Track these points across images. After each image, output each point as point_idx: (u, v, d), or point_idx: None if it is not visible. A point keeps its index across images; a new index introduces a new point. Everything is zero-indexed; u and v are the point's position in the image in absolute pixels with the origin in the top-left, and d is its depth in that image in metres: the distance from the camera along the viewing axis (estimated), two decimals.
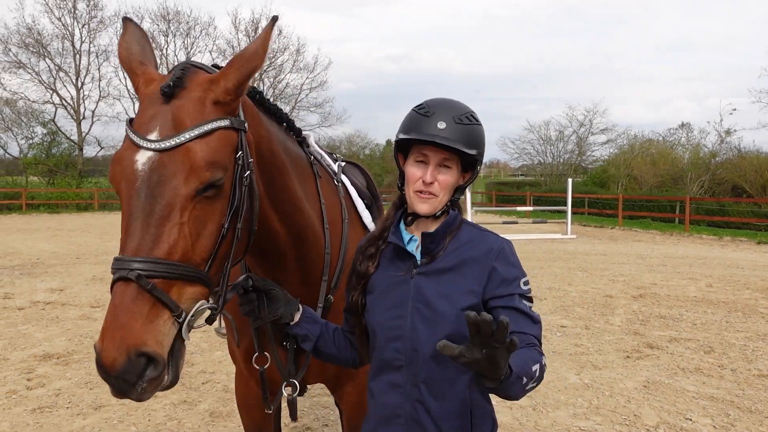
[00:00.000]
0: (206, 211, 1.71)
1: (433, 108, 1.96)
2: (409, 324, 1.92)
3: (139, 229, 1.62)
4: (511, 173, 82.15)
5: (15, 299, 9.93)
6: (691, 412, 5.24)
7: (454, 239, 1.99)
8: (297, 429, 4.89)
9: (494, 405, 5.31)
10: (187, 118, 1.70)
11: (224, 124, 1.75)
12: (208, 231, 1.72)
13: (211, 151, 1.69)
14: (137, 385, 1.56)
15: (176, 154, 1.66)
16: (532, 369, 1.71)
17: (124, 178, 1.68)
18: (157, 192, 1.64)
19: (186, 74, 1.77)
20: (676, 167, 39.35)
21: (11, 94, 42.58)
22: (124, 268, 1.58)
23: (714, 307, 9.58)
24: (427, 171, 1.93)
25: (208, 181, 1.68)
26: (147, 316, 1.58)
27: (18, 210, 34.65)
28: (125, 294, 1.57)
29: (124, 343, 1.52)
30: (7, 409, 5.25)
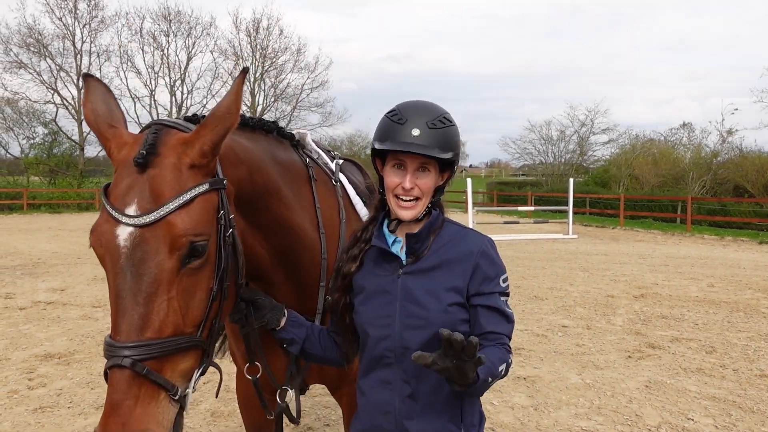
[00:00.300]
0: (194, 280, 1.70)
1: (406, 114, 1.96)
2: (398, 322, 1.96)
3: (129, 310, 1.61)
4: (513, 173, 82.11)
5: (16, 299, 9.94)
6: (692, 412, 5.23)
7: (437, 238, 2.03)
8: (299, 429, 4.88)
9: (495, 405, 5.30)
10: (165, 188, 1.65)
11: (204, 189, 1.71)
12: (198, 299, 1.72)
13: (192, 220, 1.66)
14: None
15: (157, 229, 1.62)
16: (498, 369, 1.82)
17: (108, 252, 1.66)
18: (142, 270, 1.61)
19: (159, 138, 1.72)
20: (677, 167, 39.31)
21: (12, 94, 42.67)
22: (117, 355, 1.59)
23: (716, 307, 9.57)
24: (406, 178, 1.95)
25: (190, 249, 1.66)
26: (145, 400, 1.60)
27: (19, 210, 34.67)
28: (121, 381, 1.59)
29: (126, 430, 1.55)
30: (9, 408, 5.25)
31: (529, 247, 18.52)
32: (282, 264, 2.28)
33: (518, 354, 6.96)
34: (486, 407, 5.35)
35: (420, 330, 1.93)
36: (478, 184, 54.31)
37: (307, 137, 2.69)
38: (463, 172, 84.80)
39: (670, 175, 38.91)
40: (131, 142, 1.75)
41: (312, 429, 4.90)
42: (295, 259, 2.32)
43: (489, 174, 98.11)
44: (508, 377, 6.10)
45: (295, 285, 2.38)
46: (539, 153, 52.34)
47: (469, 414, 2.01)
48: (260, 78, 48.25)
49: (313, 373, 2.59)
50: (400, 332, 1.95)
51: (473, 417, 2.02)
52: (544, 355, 6.94)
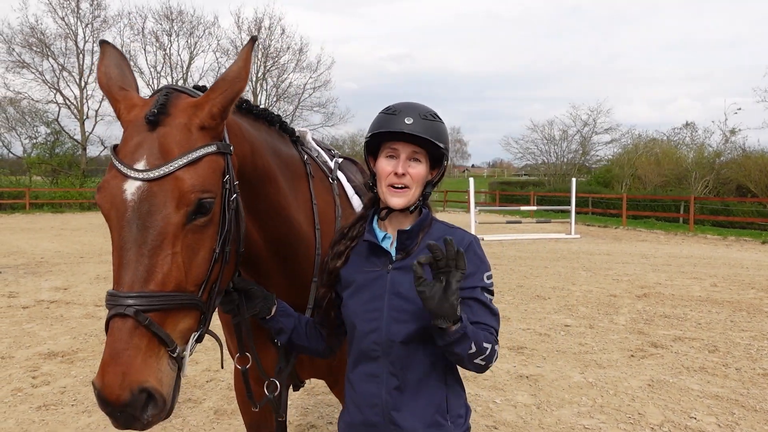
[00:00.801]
0: (198, 238, 1.72)
1: (399, 108, 2.08)
2: (386, 316, 2.01)
3: (133, 262, 1.62)
4: (515, 173, 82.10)
5: (19, 298, 9.96)
6: (695, 411, 5.23)
7: (426, 236, 2.09)
8: (301, 427, 4.90)
9: (498, 404, 5.32)
10: (174, 145, 1.69)
11: (212, 150, 1.74)
12: (201, 258, 1.73)
13: (200, 178, 1.69)
14: (143, 418, 1.59)
15: (166, 183, 1.64)
16: (484, 345, 1.87)
17: (113, 207, 1.67)
18: (149, 222, 1.63)
19: (169, 99, 1.76)
20: (680, 167, 39.30)
21: (15, 93, 42.73)
22: (119, 304, 1.59)
23: (718, 307, 9.56)
24: (399, 163, 2.04)
25: (197, 206, 1.68)
26: (146, 352, 1.60)
27: (21, 209, 34.70)
28: (123, 330, 1.58)
29: (126, 380, 1.54)
30: (13, 406, 5.27)
31: (531, 247, 18.52)
32: (276, 254, 2.29)
33: (521, 353, 6.96)
34: (488, 405, 5.36)
35: (407, 324, 1.98)
36: (481, 184, 54.27)
37: (308, 135, 2.71)
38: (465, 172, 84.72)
39: (673, 174, 38.90)
40: (141, 104, 1.79)
41: (315, 427, 4.91)
42: (290, 251, 2.33)
43: (491, 174, 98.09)
44: (510, 376, 6.11)
45: (288, 278, 2.39)
46: (541, 153, 52.39)
47: (455, 405, 2.05)
48: (262, 78, 48.31)
49: (305, 367, 2.59)
50: (387, 326, 2.00)
51: (459, 408, 2.07)
52: (547, 354, 6.94)
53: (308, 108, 50.22)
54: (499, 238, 20.45)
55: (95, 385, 1.58)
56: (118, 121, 1.82)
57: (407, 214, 2.10)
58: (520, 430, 4.88)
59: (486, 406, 5.34)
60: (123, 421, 1.59)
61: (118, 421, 1.60)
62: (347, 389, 2.14)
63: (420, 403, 1.99)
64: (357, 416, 2.07)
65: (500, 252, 16.93)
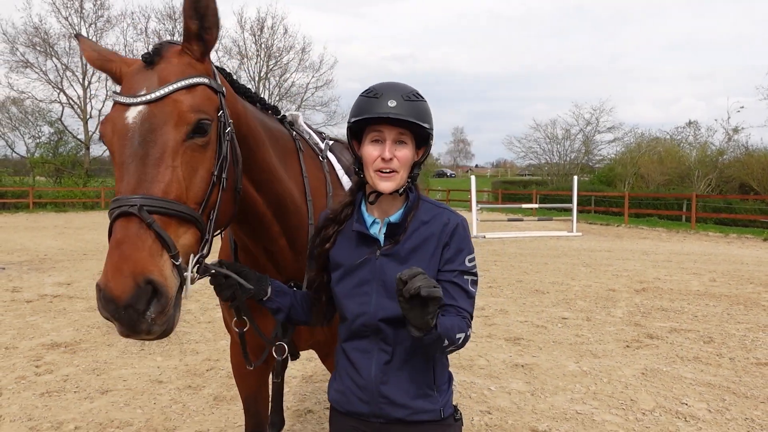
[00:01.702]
0: (196, 157, 1.82)
1: (381, 90, 2.06)
2: (374, 301, 2.06)
3: (135, 172, 1.71)
4: (518, 173, 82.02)
5: (23, 292, 10.07)
6: (687, 398, 5.31)
7: (414, 219, 2.11)
8: (299, 412, 4.98)
9: (493, 390, 5.41)
10: (170, 74, 1.84)
11: (206, 81, 1.90)
12: (199, 176, 1.83)
13: (196, 100, 1.83)
14: (146, 315, 1.61)
15: (165, 104, 1.78)
16: (456, 336, 1.94)
17: (116, 133, 1.78)
18: (150, 138, 1.74)
19: (163, 46, 1.93)
20: (683, 165, 39.32)
21: (19, 93, 42.92)
22: (124, 204, 1.66)
23: (716, 300, 9.63)
24: (385, 148, 2.03)
25: (195, 124, 1.80)
26: (150, 248, 1.64)
27: (25, 209, 34.82)
28: (128, 228, 1.64)
29: (130, 272, 1.58)
30: (17, 393, 5.37)
31: (532, 244, 18.58)
32: (275, 215, 2.38)
33: (517, 344, 7.04)
34: (483, 392, 5.44)
35: (394, 308, 1.98)
36: (483, 183, 54.32)
37: (299, 119, 2.80)
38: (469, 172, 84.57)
39: (676, 173, 38.91)
40: (136, 61, 1.95)
41: (312, 412, 4.99)
42: (287, 215, 2.42)
43: (494, 174, 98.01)
44: (506, 365, 6.19)
45: (289, 242, 2.47)
46: (544, 152, 52.39)
47: (441, 375, 2.13)
48: (265, 77, 48.43)
49: (303, 338, 2.67)
50: (375, 310, 2.05)
51: (444, 377, 2.14)
52: (543, 344, 7.01)
53: (311, 107, 50.29)
54: (501, 236, 20.52)
55: (99, 286, 1.60)
56: (119, 78, 1.95)
57: (396, 196, 2.10)
58: (513, 415, 4.96)
59: (480, 393, 5.42)
60: (126, 320, 1.60)
61: (122, 321, 1.60)
62: (339, 357, 2.19)
63: (408, 376, 2.05)
64: (348, 383, 2.13)
65: (501, 249, 17.00)
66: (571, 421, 4.84)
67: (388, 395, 2.05)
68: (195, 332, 7.49)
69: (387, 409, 2.05)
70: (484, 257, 14.77)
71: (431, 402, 2.07)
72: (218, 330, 7.47)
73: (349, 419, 2.15)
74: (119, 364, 6.20)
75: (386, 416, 2.06)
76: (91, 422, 4.77)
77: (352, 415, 2.13)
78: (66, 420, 4.80)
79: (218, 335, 7.29)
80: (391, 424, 2.07)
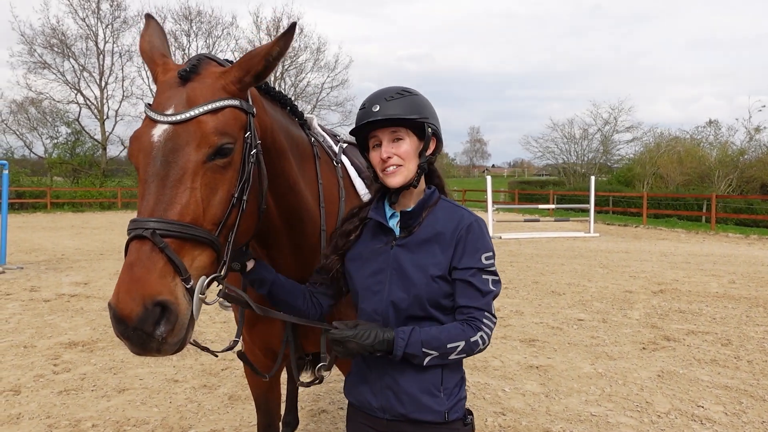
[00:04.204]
0: (217, 179, 1.83)
1: (369, 100, 2.18)
2: (387, 288, 2.12)
3: (154, 193, 1.74)
4: (535, 173, 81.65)
5: (41, 292, 10.20)
6: (703, 400, 5.25)
7: (430, 214, 2.17)
8: (313, 412, 5.00)
9: (507, 392, 5.38)
10: (200, 96, 1.85)
11: (234, 104, 1.89)
12: (219, 198, 1.83)
13: (220, 122, 1.84)
14: (155, 335, 1.64)
15: (189, 126, 1.80)
16: (447, 346, 2.00)
17: (142, 150, 1.81)
18: (171, 158, 1.76)
19: (201, 63, 1.94)
20: (703, 165, 38.87)
21: (37, 94, 43.48)
22: (139, 227, 1.69)
23: (735, 302, 9.52)
24: (382, 150, 2.14)
25: (217, 147, 1.81)
26: (161, 271, 1.67)
27: (43, 209, 35.22)
28: (140, 251, 1.68)
29: (139, 294, 1.61)
30: (35, 391, 5.44)
31: (549, 245, 18.49)
32: (288, 227, 2.39)
33: (532, 345, 7.01)
34: (497, 393, 5.43)
35: (406, 299, 2.08)
36: (500, 183, 54.14)
37: (314, 122, 2.81)
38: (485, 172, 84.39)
39: (696, 173, 38.51)
40: (175, 69, 1.95)
41: (326, 412, 5.01)
42: (300, 225, 2.42)
43: (511, 174, 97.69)
44: (520, 366, 6.16)
45: (296, 252, 2.47)
46: (562, 152, 52.07)
47: (449, 378, 2.13)
48: (281, 77, 48.63)
49: (311, 341, 2.68)
50: (388, 298, 2.11)
51: (452, 380, 2.14)
52: (558, 346, 6.98)
53: (326, 107, 50.52)
54: (517, 236, 20.43)
55: (111, 305, 1.64)
56: (154, 83, 1.99)
57: (412, 191, 2.19)
58: (527, 416, 4.94)
59: (495, 394, 5.41)
60: (136, 340, 1.63)
61: (132, 341, 1.64)
62: None
63: (415, 370, 2.07)
64: (358, 374, 2.20)
65: (517, 250, 16.94)
66: (586, 423, 4.81)
67: (392, 386, 2.09)
68: (210, 332, 7.54)
69: (392, 401, 2.09)
70: (500, 258, 14.71)
71: (436, 403, 2.08)
72: (233, 330, 7.49)
73: (362, 417, 2.21)
74: (136, 363, 6.25)
75: (391, 410, 2.10)
76: (108, 420, 4.82)
77: (364, 408, 2.18)
78: (83, 418, 4.86)
79: (233, 335, 7.30)
80: (396, 421, 2.10)
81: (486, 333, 2.04)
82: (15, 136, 44.82)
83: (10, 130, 44.23)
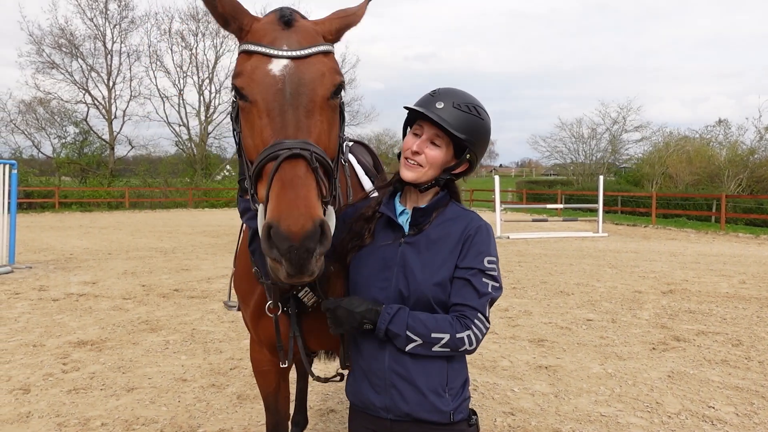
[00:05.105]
0: (333, 117, 1.93)
1: (441, 92, 2.18)
2: (394, 285, 2.12)
3: (292, 120, 1.77)
4: (543, 173, 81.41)
5: (50, 291, 10.23)
6: (714, 401, 5.21)
7: (440, 215, 2.19)
8: (321, 411, 4.99)
9: (516, 392, 5.35)
10: (311, 37, 1.93)
11: (333, 51, 2.00)
12: (334, 134, 1.92)
13: (335, 64, 1.95)
14: (315, 254, 1.64)
15: (311, 62, 1.87)
16: (432, 335, 2.01)
17: (259, 82, 1.83)
18: (301, 91, 1.81)
19: (293, 13, 1.98)
20: (712, 165, 38.68)
21: (45, 94, 43.72)
22: (294, 147, 1.70)
23: (745, 303, 9.45)
24: (417, 141, 2.14)
25: (338, 85, 1.89)
26: (315, 192, 1.70)
27: (51, 208, 35.35)
28: (297, 169, 1.68)
29: (307, 211, 1.62)
30: (45, 390, 5.45)
31: (557, 245, 18.42)
32: None
33: (541, 345, 6.98)
34: (506, 394, 5.40)
35: (411, 296, 2.09)
36: (508, 183, 54.00)
37: None
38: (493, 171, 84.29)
39: (705, 173, 38.33)
40: (264, 17, 2.00)
41: (335, 411, 5.00)
42: None
43: (519, 173, 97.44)
44: (529, 366, 6.13)
45: None
46: (570, 152, 51.94)
47: (454, 379, 2.13)
48: None
49: (315, 338, 2.64)
50: (394, 294, 2.11)
51: (457, 381, 2.14)
52: (567, 346, 6.94)
53: None
54: (525, 236, 20.37)
55: (272, 222, 1.62)
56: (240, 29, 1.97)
57: (424, 192, 2.21)
58: (536, 417, 4.91)
59: (504, 395, 5.38)
60: (297, 259, 1.62)
61: (292, 261, 1.62)
62: (354, 352, 2.24)
63: (422, 369, 2.07)
64: (361, 374, 2.18)
65: (525, 250, 16.89)
66: (595, 423, 4.78)
67: (397, 384, 2.08)
68: (218, 331, 7.54)
69: (397, 399, 2.08)
70: (508, 258, 14.68)
71: (442, 403, 2.08)
72: (241, 329, 7.51)
73: (364, 419, 2.19)
74: (144, 362, 6.26)
75: (396, 410, 2.08)
76: (117, 419, 4.82)
77: (367, 409, 2.16)
78: (93, 417, 4.86)
79: (241, 334, 7.34)
80: (401, 420, 2.09)
81: (475, 334, 2.04)
82: (23, 136, 45.12)
83: (18, 130, 44.49)
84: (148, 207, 38.82)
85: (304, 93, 1.80)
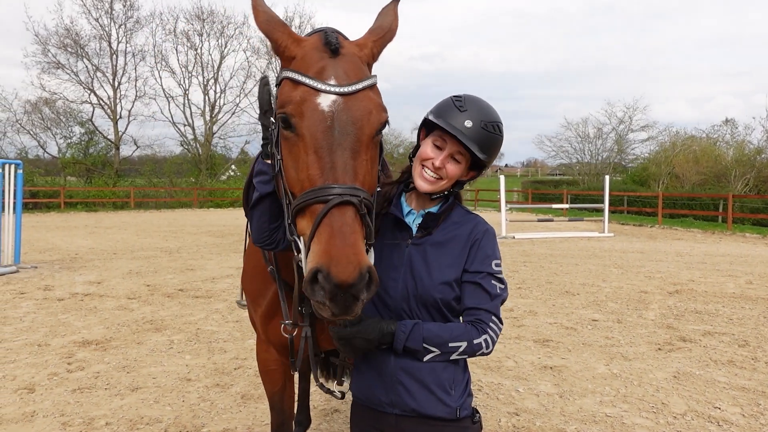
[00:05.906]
0: (375, 154, 1.93)
1: (468, 105, 2.12)
2: (401, 285, 2.12)
3: (340, 161, 1.76)
4: (549, 172, 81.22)
5: (55, 291, 10.26)
6: (720, 402, 5.18)
7: (446, 219, 2.20)
8: (325, 411, 4.99)
9: (521, 392, 5.33)
10: (358, 70, 1.90)
11: (376, 83, 1.98)
12: (374, 172, 1.92)
13: (379, 98, 1.93)
14: (360, 299, 1.65)
15: (360, 99, 1.85)
16: (449, 345, 2.02)
17: (309, 118, 1.81)
18: (349, 130, 1.80)
19: (338, 36, 1.95)
20: (719, 164, 38.54)
21: (50, 94, 43.87)
22: (345, 193, 1.71)
23: (752, 303, 9.40)
24: (440, 156, 2.12)
25: (384, 122, 1.89)
26: (362, 239, 1.72)
27: (56, 208, 35.47)
28: (346, 216, 1.69)
29: (356, 259, 1.62)
30: (49, 389, 5.46)
31: (563, 245, 18.38)
32: None
33: (546, 345, 6.95)
34: (511, 394, 5.38)
35: (417, 297, 2.10)
36: (514, 183, 53.89)
37: None
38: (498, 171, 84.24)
39: (712, 172, 38.18)
40: (305, 38, 1.99)
41: (339, 411, 4.99)
42: None
43: (525, 173, 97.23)
44: (534, 366, 6.11)
45: None
46: (576, 151, 51.81)
47: (458, 375, 2.14)
48: None
49: (327, 338, 2.65)
50: (402, 294, 2.12)
51: (461, 378, 2.15)
52: (573, 346, 6.92)
53: None
54: (530, 236, 20.33)
55: (321, 267, 1.62)
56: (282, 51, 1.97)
57: (430, 198, 2.22)
58: (541, 417, 4.89)
59: (508, 395, 5.36)
60: (342, 303, 1.64)
61: (338, 304, 1.64)
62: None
63: (428, 366, 2.07)
64: (368, 370, 2.18)
65: (531, 250, 16.85)
66: (601, 424, 4.76)
67: (404, 381, 2.09)
68: (223, 331, 7.54)
69: (404, 395, 2.08)
70: (514, 258, 14.65)
71: (449, 398, 2.09)
72: (246, 329, 7.52)
73: (369, 415, 2.20)
74: (149, 362, 6.27)
75: (402, 405, 2.09)
76: (121, 419, 4.83)
77: (372, 405, 2.17)
78: (97, 416, 4.87)
79: (246, 334, 7.34)
80: (407, 416, 2.10)
81: (491, 337, 2.07)
82: (29, 136, 45.32)
83: (24, 130, 44.68)
84: (153, 207, 38.92)
85: (351, 133, 1.80)
